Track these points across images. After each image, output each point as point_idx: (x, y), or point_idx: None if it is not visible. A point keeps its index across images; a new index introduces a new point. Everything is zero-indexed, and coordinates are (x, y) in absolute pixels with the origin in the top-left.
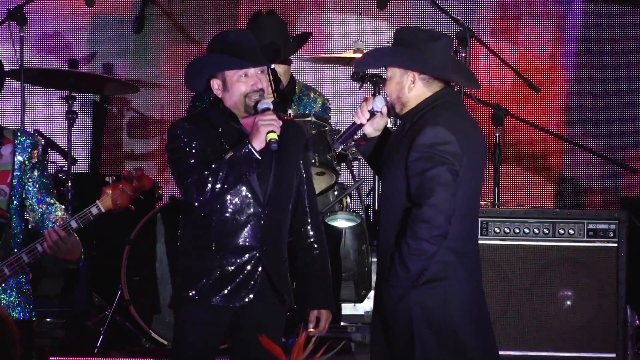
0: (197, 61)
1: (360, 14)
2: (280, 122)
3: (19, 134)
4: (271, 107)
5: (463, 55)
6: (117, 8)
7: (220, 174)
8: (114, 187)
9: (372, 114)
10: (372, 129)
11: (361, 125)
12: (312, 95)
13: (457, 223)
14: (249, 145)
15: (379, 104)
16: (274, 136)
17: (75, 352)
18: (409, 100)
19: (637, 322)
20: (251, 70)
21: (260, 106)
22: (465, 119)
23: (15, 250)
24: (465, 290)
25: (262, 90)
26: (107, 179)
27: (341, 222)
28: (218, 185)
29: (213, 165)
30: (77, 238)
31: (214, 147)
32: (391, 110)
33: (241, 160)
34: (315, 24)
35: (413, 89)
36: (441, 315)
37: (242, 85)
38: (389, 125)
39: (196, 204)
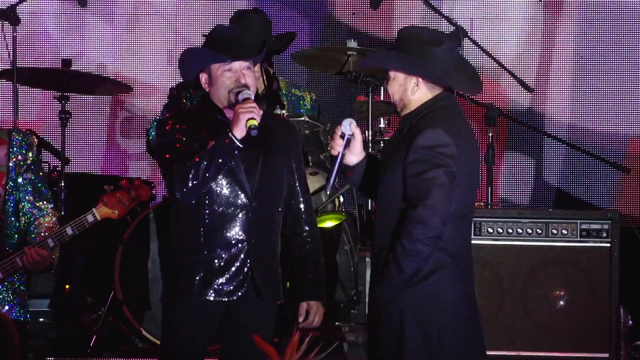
0: (186, 53)
1: (354, 14)
2: (261, 111)
3: (14, 134)
4: (252, 96)
5: None
6: (110, 7)
7: (202, 164)
8: (111, 196)
9: (346, 140)
10: (352, 156)
11: (341, 156)
12: (297, 92)
13: (452, 225)
14: (230, 133)
15: (346, 125)
16: (253, 122)
17: (68, 352)
18: (411, 102)
19: (630, 322)
20: (235, 65)
21: (241, 96)
22: (462, 122)
23: (10, 251)
24: (457, 291)
25: (245, 86)
26: (105, 187)
27: (326, 223)
28: (200, 176)
29: (195, 157)
30: (51, 252)
31: (200, 142)
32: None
33: (222, 149)
34: (308, 24)
35: (416, 91)
36: (433, 317)
37: (226, 79)
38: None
39: (177, 195)
